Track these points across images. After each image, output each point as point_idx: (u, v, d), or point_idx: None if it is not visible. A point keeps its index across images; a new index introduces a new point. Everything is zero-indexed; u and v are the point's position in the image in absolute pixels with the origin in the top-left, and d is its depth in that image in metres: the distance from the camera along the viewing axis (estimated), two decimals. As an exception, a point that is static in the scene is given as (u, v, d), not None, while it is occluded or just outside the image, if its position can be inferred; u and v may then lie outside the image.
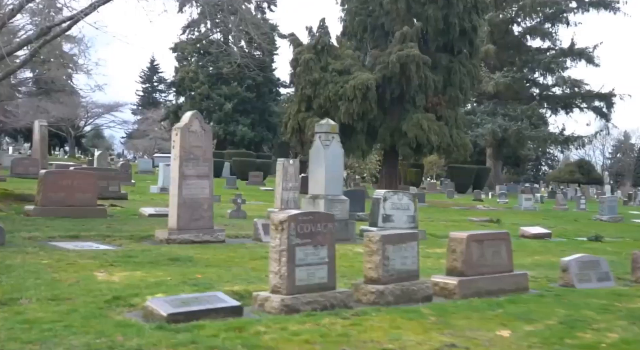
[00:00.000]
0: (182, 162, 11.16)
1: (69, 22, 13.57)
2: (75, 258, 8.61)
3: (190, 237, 11.14)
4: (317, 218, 6.69)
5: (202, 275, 7.92)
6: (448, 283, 7.61)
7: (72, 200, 13.82)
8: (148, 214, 15.23)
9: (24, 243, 9.68)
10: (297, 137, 31.10)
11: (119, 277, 7.53)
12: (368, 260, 7.19)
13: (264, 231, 12.28)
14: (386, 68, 28.89)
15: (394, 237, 7.26)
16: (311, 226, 6.62)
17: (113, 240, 10.87)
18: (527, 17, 59.54)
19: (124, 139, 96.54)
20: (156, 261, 8.84)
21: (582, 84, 58.12)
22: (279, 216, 6.57)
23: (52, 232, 11.03)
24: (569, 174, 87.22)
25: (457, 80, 30.25)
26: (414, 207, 14.11)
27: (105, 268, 8.07)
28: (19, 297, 6.17)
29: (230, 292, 6.89)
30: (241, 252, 10.28)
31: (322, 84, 29.75)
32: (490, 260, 7.90)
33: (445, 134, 29.77)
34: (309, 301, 6.44)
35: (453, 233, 7.92)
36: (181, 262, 8.91)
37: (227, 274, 8.10)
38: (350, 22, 32.36)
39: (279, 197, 17.74)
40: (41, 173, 13.77)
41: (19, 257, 8.38)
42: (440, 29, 29.90)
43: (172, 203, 11.24)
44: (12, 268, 7.57)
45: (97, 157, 31.22)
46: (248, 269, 8.73)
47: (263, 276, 8.08)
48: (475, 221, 20.69)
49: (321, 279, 6.63)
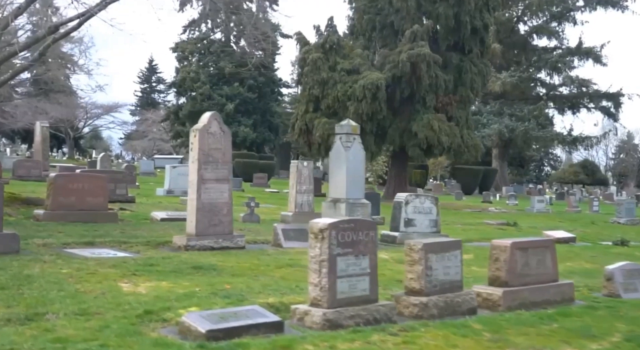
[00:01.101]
0: (200, 165, 10.84)
1: (80, 20, 13.23)
2: (95, 267, 8.29)
3: (209, 244, 10.82)
4: (358, 226, 6.37)
5: (230, 285, 7.60)
6: (492, 294, 7.29)
7: (82, 205, 13.49)
8: (160, 218, 14.90)
9: (39, 250, 9.35)
10: (304, 138, 30.74)
11: (145, 288, 7.21)
12: (409, 270, 6.88)
13: (284, 237, 11.99)
14: (396, 67, 28.55)
15: (436, 245, 6.95)
16: (352, 234, 6.31)
17: (129, 246, 10.55)
18: (533, 15, 59.18)
19: (123, 140, 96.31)
20: (179, 270, 8.52)
21: (590, 83, 57.80)
22: (319, 224, 6.26)
23: (65, 238, 10.70)
24: (574, 174, 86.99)
25: (468, 79, 29.90)
26: (436, 211, 13.80)
27: (129, 278, 7.75)
28: (45, 311, 5.86)
29: (266, 304, 6.59)
30: (265, 260, 9.96)
31: (331, 83, 29.39)
32: (535, 270, 7.59)
33: (455, 135, 29.43)
34: (351, 315, 6.12)
35: (496, 240, 7.61)
36: (205, 271, 8.60)
37: (256, 284, 7.77)
38: (359, 21, 32.01)
39: (293, 201, 17.44)
40: (51, 176, 13.43)
41: (37, 266, 8.06)
42: (451, 28, 29.56)
43: (191, 208, 10.91)
44: (32, 278, 7.25)
45: (99, 159, 30.86)
46: (276, 278, 8.41)
47: (294, 286, 7.79)
48: (491, 224, 20.37)
49: (363, 291, 6.32)
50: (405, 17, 30.05)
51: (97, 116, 73.81)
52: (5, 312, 5.80)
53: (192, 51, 68.24)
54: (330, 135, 29.49)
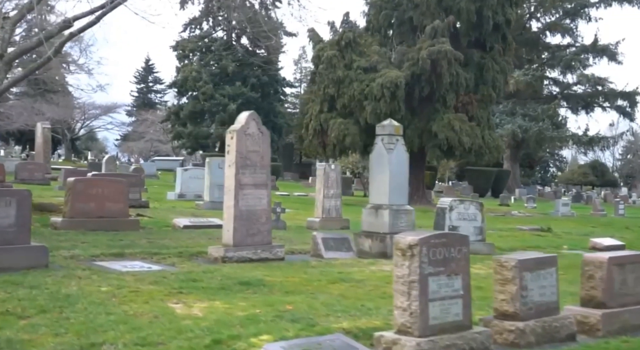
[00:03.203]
0: (238, 169, 10.19)
1: (101, 12, 12.56)
2: (135, 284, 7.64)
3: (247, 255, 10.17)
4: (450, 241, 5.71)
5: (291, 305, 6.94)
6: (588, 317, 6.63)
7: (102, 211, 12.85)
8: (182, 225, 14.26)
9: (68, 264, 8.69)
10: (318, 139, 30.08)
11: (200, 309, 6.56)
12: (501, 290, 6.21)
13: (324, 246, 11.35)
14: (415, 65, 27.91)
15: (530, 262, 6.29)
16: (444, 251, 5.65)
17: (162, 258, 9.90)
18: (546, 12, 58.53)
19: (119, 142, 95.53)
20: (227, 286, 7.87)
21: (606, 82, 57.11)
22: (407, 239, 5.58)
23: (92, 250, 10.05)
24: (582, 175, 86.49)
25: (490, 77, 29.28)
26: (481, 218, 13.17)
27: (176, 297, 7.10)
28: (100, 341, 5.21)
29: (341, 330, 5.94)
30: (312, 274, 9.30)
31: (347, 82, 28.75)
32: (632, 288, 6.93)
33: (477, 136, 28.81)
34: (446, 345, 5.46)
35: (588, 255, 6.97)
36: (255, 288, 7.94)
37: (317, 304, 7.12)
38: (375, 17, 31.34)
39: (320, 206, 16.85)
40: (70, 181, 12.76)
41: (73, 283, 7.40)
42: (473, 23, 28.92)
43: (227, 216, 10.25)
44: (73, 298, 6.59)
45: (105, 162, 30.16)
46: (335, 296, 7.76)
47: (359, 306, 7.16)
48: (524, 230, 19.73)
49: (455, 316, 5.65)
50: (425, 12, 29.40)
51: (94, 117, 73.07)
52: (55, 342, 5.15)
53: (193, 49, 67.57)
54: (345, 135, 28.90)
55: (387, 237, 11.60)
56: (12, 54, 12.76)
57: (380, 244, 11.70)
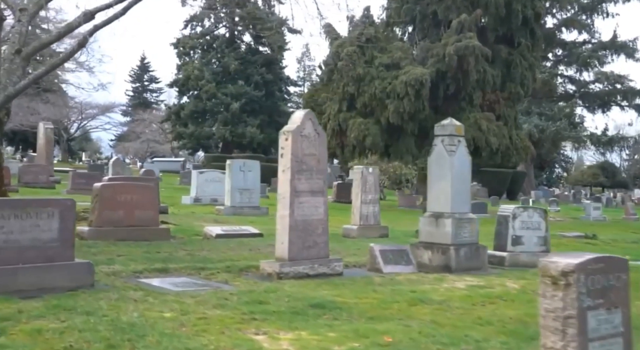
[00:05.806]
0: (293, 174, 9.33)
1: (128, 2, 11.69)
2: (198, 307, 6.79)
3: (304, 270, 9.31)
4: (609, 266, 4.84)
5: (389, 337, 6.09)
6: None
7: (131, 220, 12.01)
8: (215, 234, 13.41)
9: (114, 282, 7.84)
10: (337, 139, 29.21)
11: (289, 343, 5.71)
12: None
13: (383, 260, 10.49)
14: (441, 61, 27.10)
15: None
16: (602, 279, 4.79)
17: (211, 274, 9.06)
18: (562, 8, 57.67)
19: (114, 142, 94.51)
20: (300, 311, 7.00)
21: (626, 79, 56.28)
22: (560, 264, 4.69)
23: (132, 264, 9.21)
24: (592, 176, 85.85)
25: (518, 75, 28.47)
26: (545, 226, 12.31)
27: (252, 325, 6.25)
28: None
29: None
30: (384, 293, 8.44)
31: (367, 80, 27.91)
32: None
33: (504, 136, 28.02)
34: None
35: None
36: (331, 312, 7.09)
37: (415, 334, 6.27)
38: (396, 11, 30.53)
39: (357, 212, 16.01)
40: (96, 186, 11.88)
41: (131, 307, 6.54)
42: (501, 17, 28.12)
43: (281, 226, 9.39)
44: (139, 328, 5.72)
45: (112, 164, 29.26)
46: (427, 322, 6.89)
47: (462, 335, 6.32)
48: (568, 237, 18.87)
49: (615, 359, 4.81)
50: (450, 6, 28.57)
51: (92, 117, 72.17)
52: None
53: (194, 47, 66.73)
54: (366, 136, 28.06)
55: (450, 248, 10.77)
56: (30, 49, 11.88)
57: (442, 257, 10.84)
